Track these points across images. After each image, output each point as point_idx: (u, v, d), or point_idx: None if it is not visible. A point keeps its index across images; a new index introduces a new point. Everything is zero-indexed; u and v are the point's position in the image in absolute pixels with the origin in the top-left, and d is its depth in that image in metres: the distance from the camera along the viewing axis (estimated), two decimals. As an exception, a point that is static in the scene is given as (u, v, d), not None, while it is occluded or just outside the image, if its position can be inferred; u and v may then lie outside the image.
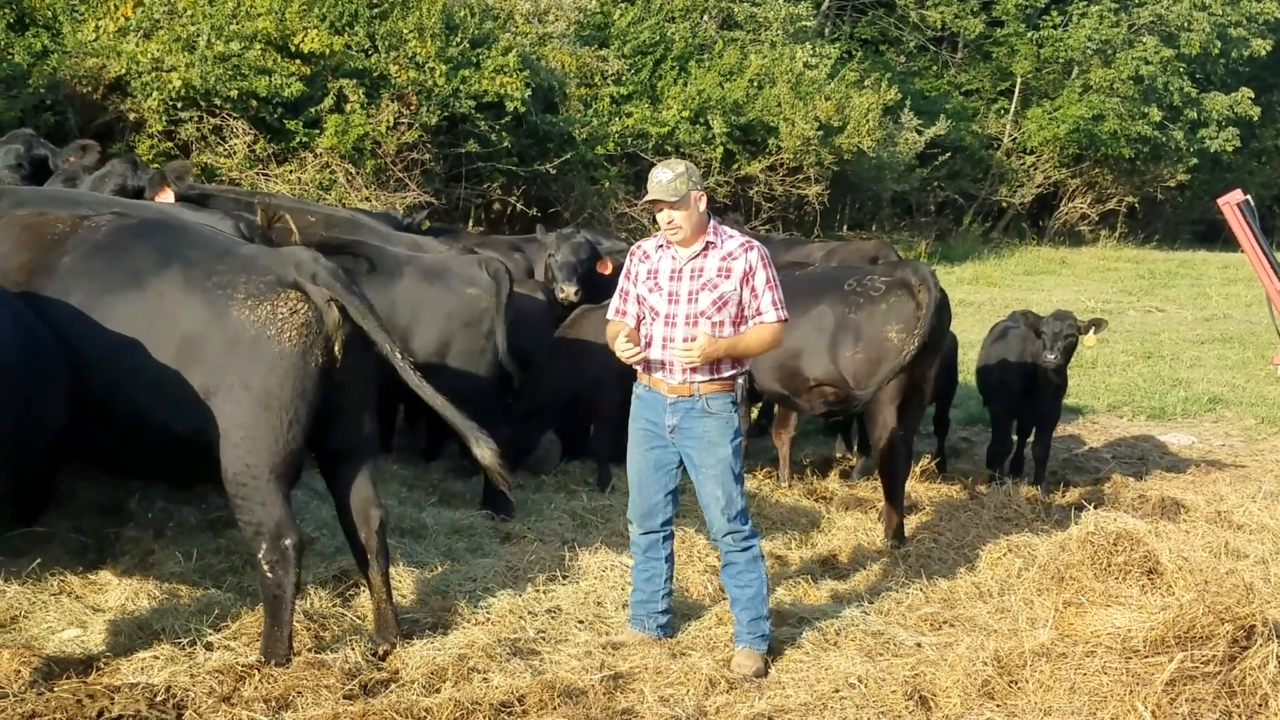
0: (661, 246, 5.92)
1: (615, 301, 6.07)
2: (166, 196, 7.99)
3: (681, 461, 5.94)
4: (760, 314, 5.80)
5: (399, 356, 5.57)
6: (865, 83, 25.23)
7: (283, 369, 5.25)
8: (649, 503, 6.00)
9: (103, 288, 5.41)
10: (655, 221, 5.93)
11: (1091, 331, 9.35)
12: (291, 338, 5.27)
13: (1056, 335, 9.17)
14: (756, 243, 5.90)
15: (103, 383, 5.34)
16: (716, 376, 5.78)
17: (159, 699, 4.97)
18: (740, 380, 5.86)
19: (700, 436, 5.80)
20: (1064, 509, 8.57)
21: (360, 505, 5.69)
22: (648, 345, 5.84)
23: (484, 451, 5.69)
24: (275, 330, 5.25)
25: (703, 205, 5.79)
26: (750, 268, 5.77)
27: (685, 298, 5.78)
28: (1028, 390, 9.55)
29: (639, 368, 5.93)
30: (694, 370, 5.75)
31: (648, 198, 5.75)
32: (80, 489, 7.46)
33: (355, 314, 5.39)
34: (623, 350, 5.77)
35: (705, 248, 5.80)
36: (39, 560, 6.37)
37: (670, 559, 6.15)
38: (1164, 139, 31.12)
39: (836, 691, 5.42)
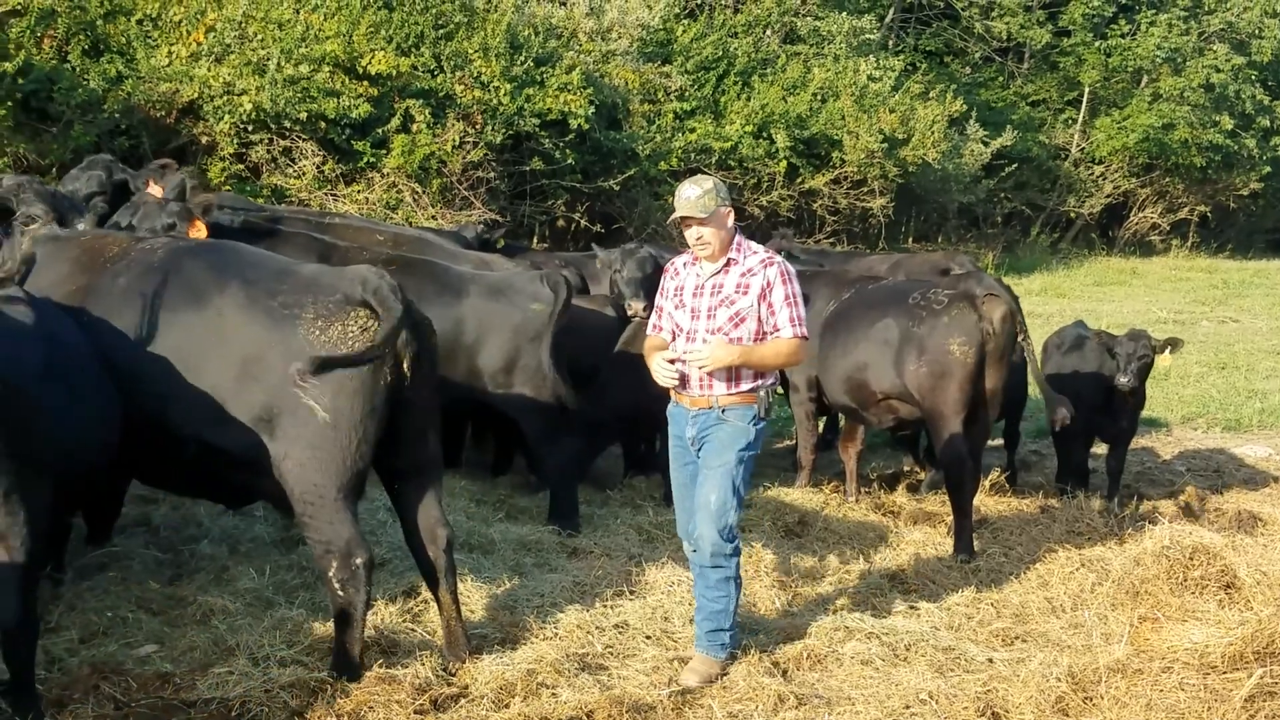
0: (688, 263, 5.93)
1: (653, 318, 6.09)
2: (199, 231, 7.96)
3: None
4: (777, 330, 5.74)
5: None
6: (930, 94, 25.06)
7: (353, 388, 5.25)
8: (688, 521, 5.95)
9: (165, 309, 5.42)
10: (684, 238, 5.90)
11: (1167, 351, 9.18)
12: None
13: (1130, 356, 9.01)
14: (779, 259, 5.86)
15: (164, 404, 5.36)
16: (735, 390, 5.74)
17: (234, 714, 5.04)
18: (762, 394, 5.79)
19: (713, 440, 5.77)
20: (1138, 523, 8.44)
21: (428, 524, 5.69)
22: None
23: None
24: (346, 350, 5.23)
25: (730, 221, 5.79)
26: (768, 283, 5.73)
27: (705, 314, 5.78)
28: (1105, 404, 9.38)
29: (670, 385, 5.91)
30: (711, 383, 5.72)
31: (676, 214, 5.73)
32: (157, 507, 7.60)
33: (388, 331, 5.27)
34: (660, 371, 5.77)
35: (727, 264, 5.79)
36: (117, 577, 6.50)
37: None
38: (1236, 147, 30.61)
39: (907, 708, 5.38)
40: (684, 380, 5.82)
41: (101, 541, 6.92)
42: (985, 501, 9.07)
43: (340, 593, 5.32)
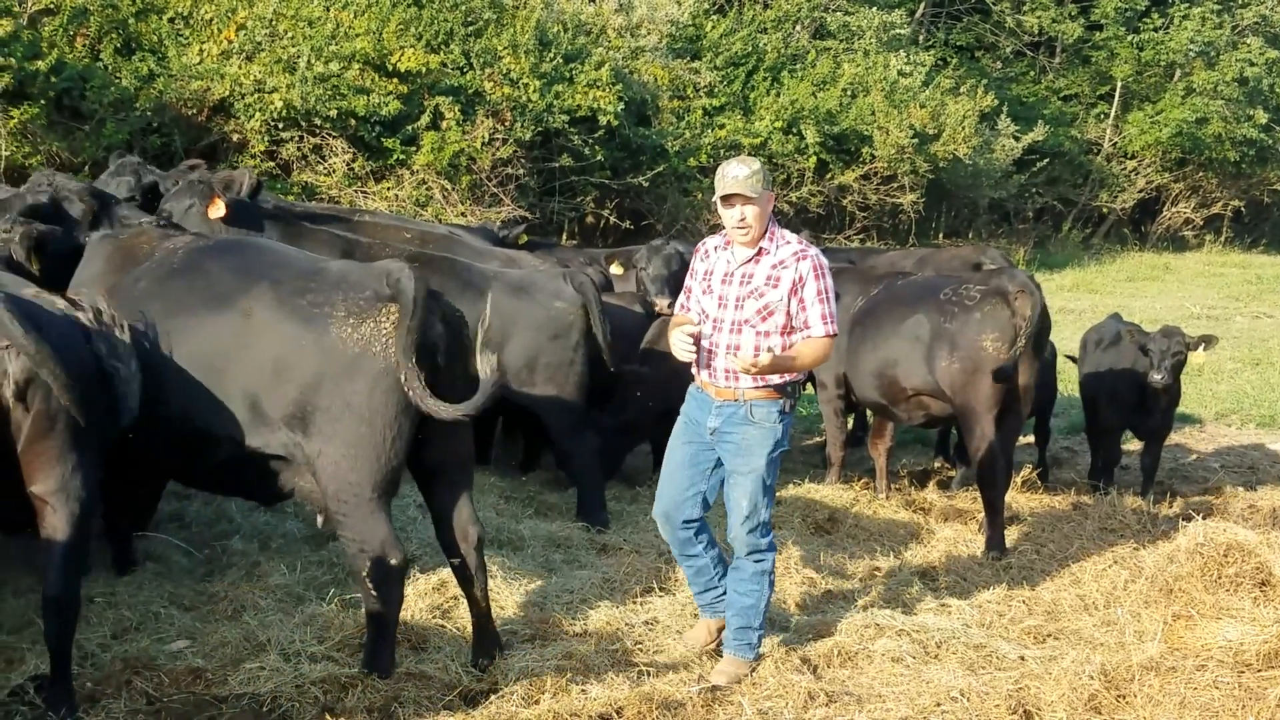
0: (720, 246, 5.80)
1: (680, 297, 6.00)
2: (217, 209, 7.89)
3: (718, 466, 5.80)
4: (808, 327, 5.60)
5: (418, 385, 5.15)
6: (961, 89, 24.96)
7: (386, 386, 5.20)
8: (672, 498, 5.87)
9: (194, 308, 5.42)
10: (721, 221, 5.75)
11: (1201, 348, 9.08)
12: (394, 353, 5.20)
13: (1164, 353, 8.91)
14: (813, 251, 5.68)
15: (197, 404, 5.36)
16: (763, 383, 5.61)
17: (265, 709, 5.07)
18: (788, 389, 5.68)
19: (738, 443, 5.67)
20: (1171, 520, 8.37)
21: (459, 521, 5.63)
22: (697, 344, 5.71)
23: None
24: (380, 347, 5.20)
25: (770, 206, 5.67)
26: (800, 277, 5.58)
27: (732, 303, 5.64)
28: (1140, 400, 9.30)
29: (693, 367, 5.83)
30: (738, 375, 5.59)
31: (724, 192, 5.55)
32: (189, 503, 7.64)
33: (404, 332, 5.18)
34: (678, 344, 5.64)
35: (759, 253, 5.64)
36: (150, 573, 6.54)
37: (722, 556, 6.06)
38: (1270, 141, 30.35)
39: (938, 705, 5.35)
40: (702, 360, 5.73)
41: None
42: (1017, 498, 9.03)
43: (374, 592, 5.29)
